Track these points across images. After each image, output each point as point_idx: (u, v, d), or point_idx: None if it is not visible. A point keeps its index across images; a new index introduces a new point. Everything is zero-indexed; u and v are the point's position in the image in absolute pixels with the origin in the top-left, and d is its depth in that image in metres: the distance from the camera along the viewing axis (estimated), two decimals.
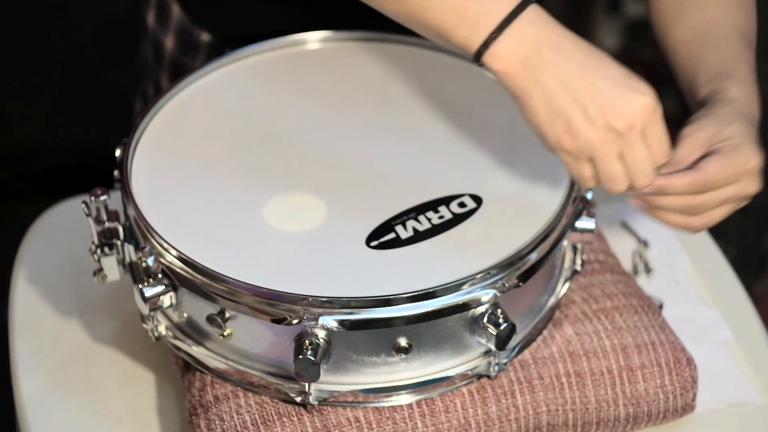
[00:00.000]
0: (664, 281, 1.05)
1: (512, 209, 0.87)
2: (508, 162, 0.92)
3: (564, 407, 0.87)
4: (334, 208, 0.86)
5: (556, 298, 0.89)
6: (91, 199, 0.86)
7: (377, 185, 0.89)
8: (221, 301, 0.80)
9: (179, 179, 0.90)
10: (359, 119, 0.96)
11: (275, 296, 0.78)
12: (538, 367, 0.87)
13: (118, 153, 0.90)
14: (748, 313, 1.03)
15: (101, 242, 0.87)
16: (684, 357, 0.89)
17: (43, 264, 1.05)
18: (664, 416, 0.90)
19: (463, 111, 0.98)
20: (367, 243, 0.83)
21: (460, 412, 0.84)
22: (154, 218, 0.84)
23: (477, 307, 0.80)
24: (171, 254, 0.81)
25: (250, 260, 0.82)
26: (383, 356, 0.81)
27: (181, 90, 0.98)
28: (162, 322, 0.86)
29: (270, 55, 1.03)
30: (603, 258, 0.98)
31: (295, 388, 0.82)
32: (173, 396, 0.93)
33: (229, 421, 0.83)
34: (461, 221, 0.85)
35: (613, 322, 0.90)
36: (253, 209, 0.86)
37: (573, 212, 0.86)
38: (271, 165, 0.91)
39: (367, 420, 0.83)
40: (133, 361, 0.95)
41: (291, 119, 0.96)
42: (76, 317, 0.99)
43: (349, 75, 1.02)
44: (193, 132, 0.94)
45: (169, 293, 0.83)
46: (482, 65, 0.80)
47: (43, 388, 0.93)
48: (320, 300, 0.78)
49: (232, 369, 0.84)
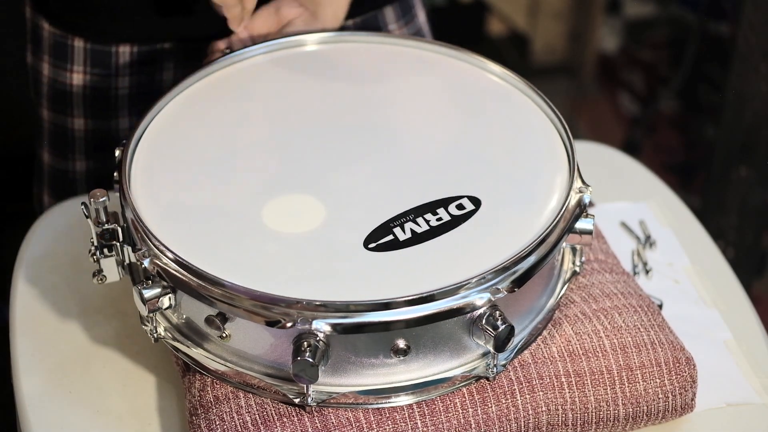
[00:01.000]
0: (663, 281, 1.05)
1: (511, 211, 0.87)
2: (506, 164, 0.92)
3: (564, 407, 0.87)
4: (332, 210, 0.86)
5: (555, 299, 0.89)
6: (91, 200, 0.86)
7: (376, 187, 0.89)
8: (217, 304, 0.80)
9: (177, 181, 0.90)
10: (358, 121, 0.96)
11: (269, 299, 0.78)
12: (537, 367, 0.87)
13: (117, 154, 0.90)
14: (747, 313, 1.03)
15: (101, 244, 0.87)
16: (683, 357, 0.89)
17: (44, 264, 1.05)
18: (663, 416, 0.90)
19: (462, 112, 0.98)
20: (365, 245, 0.83)
21: (460, 412, 0.84)
22: (150, 220, 0.84)
23: (473, 310, 0.80)
24: (167, 256, 0.82)
25: (247, 262, 0.82)
26: (382, 358, 0.81)
27: (180, 92, 0.98)
28: (161, 324, 0.87)
29: (268, 56, 1.03)
30: (602, 258, 0.98)
31: (294, 389, 0.82)
32: (173, 396, 0.93)
33: (230, 421, 0.83)
34: (459, 223, 0.85)
35: (612, 321, 0.90)
36: (251, 211, 0.86)
37: (571, 215, 0.86)
38: (269, 167, 0.91)
39: (367, 420, 0.83)
40: (134, 360, 0.95)
41: (289, 121, 0.96)
42: (77, 317, 0.99)
43: (347, 76, 1.02)
44: (192, 134, 0.94)
45: (168, 295, 0.83)
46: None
47: (44, 387, 0.93)
48: (314, 304, 0.78)
49: (231, 370, 0.84)
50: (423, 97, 0.99)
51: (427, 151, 0.93)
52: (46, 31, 1.17)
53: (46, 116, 1.20)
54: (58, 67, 1.17)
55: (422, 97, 0.99)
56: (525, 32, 2.59)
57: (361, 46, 1.05)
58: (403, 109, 0.98)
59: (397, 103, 0.98)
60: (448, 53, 1.03)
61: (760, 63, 1.65)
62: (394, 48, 1.04)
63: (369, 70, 1.02)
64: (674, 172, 2.20)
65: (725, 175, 1.77)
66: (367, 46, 1.05)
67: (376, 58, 1.04)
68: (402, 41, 1.04)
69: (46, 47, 1.17)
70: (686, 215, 1.15)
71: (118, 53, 1.15)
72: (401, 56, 1.03)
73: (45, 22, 1.16)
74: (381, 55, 1.04)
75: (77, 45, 1.15)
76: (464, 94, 1.00)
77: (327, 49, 1.04)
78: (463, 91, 1.00)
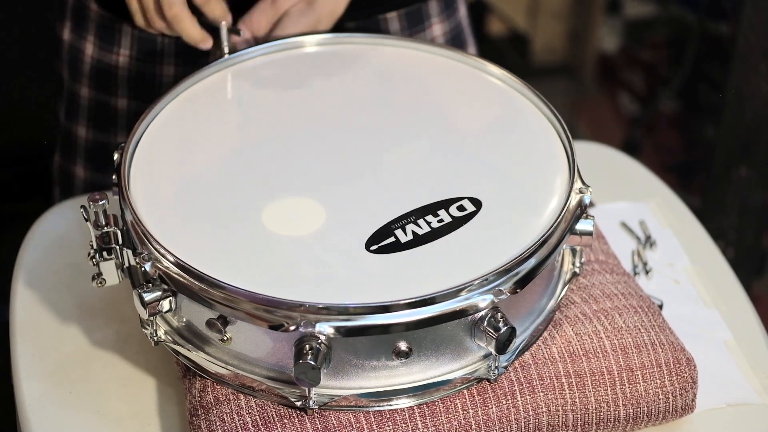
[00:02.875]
0: (663, 281, 1.05)
1: (511, 213, 0.87)
2: (506, 165, 0.92)
3: (564, 408, 0.87)
4: (333, 212, 0.86)
5: (555, 300, 0.89)
6: (90, 203, 0.86)
7: (376, 188, 0.89)
8: (218, 307, 0.80)
9: (177, 183, 0.89)
10: (358, 122, 0.96)
11: (272, 303, 0.78)
12: (538, 368, 0.87)
13: (115, 156, 0.90)
14: (747, 313, 1.03)
15: (100, 247, 0.87)
16: (684, 357, 0.89)
17: (44, 265, 1.05)
18: (663, 416, 0.90)
19: (462, 114, 0.98)
20: (366, 247, 0.83)
21: (461, 413, 0.84)
22: (151, 223, 0.84)
23: (476, 312, 0.80)
24: (168, 260, 0.81)
25: (248, 265, 0.82)
26: (383, 360, 0.81)
27: (179, 94, 0.98)
28: (161, 327, 0.86)
29: (268, 58, 1.03)
30: (603, 258, 0.98)
31: (295, 392, 0.82)
32: (174, 397, 0.93)
33: (230, 422, 0.83)
34: (461, 225, 0.85)
35: (613, 322, 0.90)
36: (252, 213, 0.86)
37: (572, 216, 0.86)
38: (269, 169, 0.91)
39: (368, 421, 0.83)
40: (134, 362, 0.95)
41: (288, 123, 0.96)
42: (77, 319, 0.99)
43: (347, 78, 1.02)
44: (191, 135, 0.94)
45: (168, 298, 0.83)
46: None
47: (44, 389, 0.93)
48: (317, 307, 0.78)
49: (232, 373, 0.84)
50: (423, 98, 0.99)
51: (427, 152, 0.93)
52: (93, 13, 1.17)
53: (86, 93, 1.20)
54: (104, 48, 1.17)
55: (422, 99, 0.99)
56: (525, 32, 2.59)
57: (361, 48, 1.05)
58: (404, 110, 0.98)
59: (397, 105, 0.98)
60: (447, 55, 1.03)
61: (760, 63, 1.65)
62: (393, 50, 1.04)
63: (368, 72, 1.02)
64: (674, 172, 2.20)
65: (725, 175, 1.77)
66: (367, 47, 1.05)
67: (375, 60, 1.04)
68: (401, 43, 1.04)
69: (92, 28, 1.17)
70: (686, 215, 1.15)
71: (164, 42, 1.15)
72: (401, 58, 1.03)
73: (93, 2, 1.17)
74: (380, 57, 1.04)
75: (124, 29, 1.16)
76: (464, 95, 1.00)
77: (326, 51, 1.04)
78: (463, 93, 1.00)
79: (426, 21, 1.20)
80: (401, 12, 1.19)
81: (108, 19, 1.16)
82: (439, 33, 1.22)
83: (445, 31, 1.22)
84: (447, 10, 1.22)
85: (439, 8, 1.21)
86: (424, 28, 1.21)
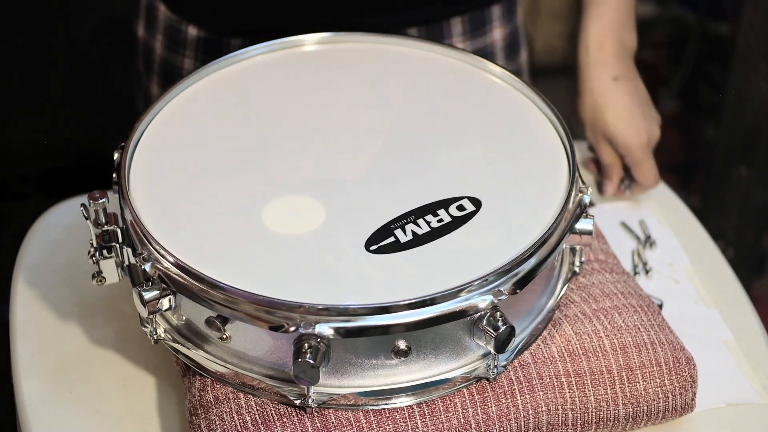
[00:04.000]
0: (663, 281, 1.05)
1: (511, 212, 0.87)
2: (506, 164, 0.92)
3: (564, 407, 0.87)
4: (332, 212, 0.86)
5: (555, 299, 0.89)
6: (90, 202, 0.86)
7: (376, 188, 0.89)
8: (218, 308, 0.80)
9: (177, 183, 0.89)
10: (358, 122, 0.96)
11: (272, 304, 0.78)
12: (537, 367, 0.87)
13: (116, 156, 0.90)
14: (747, 313, 1.03)
15: (100, 245, 0.87)
16: (683, 356, 0.89)
17: (44, 265, 1.05)
18: (663, 416, 0.90)
19: (462, 113, 0.98)
20: (366, 247, 0.83)
21: (460, 412, 0.84)
22: (150, 223, 0.84)
23: (476, 313, 0.80)
24: (167, 260, 0.81)
25: (247, 266, 0.82)
26: (382, 359, 0.81)
27: (179, 93, 0.98)
28: (161, 325, 0.86)
29: (267, 57, 1.03)
30: (602, 258, 0.98)
31: (295, 390, 0.82)
32: (173, 396, 0.93)
33: (230, 421, 0.83)
34: (460, 225, 0.85)
35: (612, 321, 0.90)
36: (251, 213, 0.86)
37: (571, 215, 0.86)
38: (269, 168, 0.91)
39: (367, 420, 0.83)
40: (134, 361, 0.95)
41: (288, 123, 0.96)
42: (77, 318, 0.99)
43: (347, 77, 1.01)
44: (191, 135, 0.94)
45: (168, 296, 0.82)
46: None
47: (44, 388, 0.93)
48: (317, 308, 0.78)
49: (231, 372, 0.84)
50: (423, 97, 0.99)
51: (427, 151, 0.93)
52: (162, 14, 1.18)
53: (156, 91, 1.23)
54: (171, 49, 1.19)
55: (422, 98, 0.99)
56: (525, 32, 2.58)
57: (361, 46, 1.05)
58: (403, 109, 0.98)
59: (396, 104, 0.98)
60: (447, 53, 1.03)
61: (760, 63, 1.65)
62: (393, 48, 1.04)
63: (368, 71, 1.02)
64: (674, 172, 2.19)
65: (725, 175, 1.77)
66: (367, 46, 1.05)
67: (375, 58, 1.04)
68: (401, 41, 1.04)
69: (161, 28, 1.19)
70: (686, 215, 1.15)
71: (230, 45, 1.16)
72: (401, 57, 1.03)
73: (161, 4, 1.18)
74: (381, 56, 1.04)
75: (191, 32, 1.16)
76: (464, 94, 1.00)
77: (326, 50, 1.04)
78: (463, 92, 1.00)
79: (488, 25, 1.21)
80: (465, 16, 1.19)
81: (175, 21, 1.18)
82: (498, 37, 1.23)
83: (504, 35, 1.23)
84: (508, 14, 1.23)
85: (501, 12, 1.22)
86: (485, 32, 1.21)
